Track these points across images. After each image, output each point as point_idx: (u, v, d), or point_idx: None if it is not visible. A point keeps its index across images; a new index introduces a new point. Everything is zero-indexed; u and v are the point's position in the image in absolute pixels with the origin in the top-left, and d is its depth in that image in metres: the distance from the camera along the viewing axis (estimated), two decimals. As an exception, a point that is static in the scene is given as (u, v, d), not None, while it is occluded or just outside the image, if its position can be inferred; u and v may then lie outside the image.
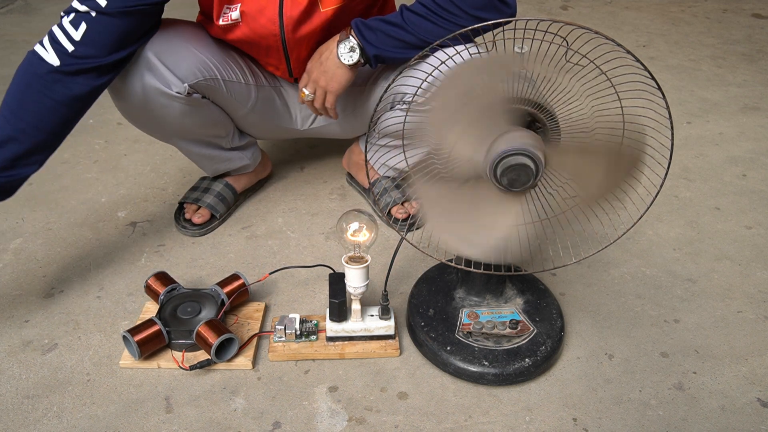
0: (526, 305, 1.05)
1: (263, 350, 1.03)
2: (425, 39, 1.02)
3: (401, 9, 1.03)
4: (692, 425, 0.91)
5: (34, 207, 1.39)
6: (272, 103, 1.28)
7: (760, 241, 1.30)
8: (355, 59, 1.05)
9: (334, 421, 0.92)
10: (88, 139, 1.67)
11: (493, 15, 1.01)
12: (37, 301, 1.13)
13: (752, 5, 2.76)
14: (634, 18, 2.61)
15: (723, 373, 1.00)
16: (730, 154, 1.62)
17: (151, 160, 1.58)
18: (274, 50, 1.15)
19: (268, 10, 1.08)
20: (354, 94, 1.25)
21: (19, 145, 0.97)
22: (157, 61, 1.05)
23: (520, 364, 0.96)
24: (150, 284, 1.08)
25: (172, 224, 1.34)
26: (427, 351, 1.00)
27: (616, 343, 1.05)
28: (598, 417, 0.92)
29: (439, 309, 1.04)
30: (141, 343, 0.96)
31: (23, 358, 1.02)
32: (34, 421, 0.91)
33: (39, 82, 0.96)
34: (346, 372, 0.99)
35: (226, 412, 0.93)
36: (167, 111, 1.11)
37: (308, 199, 1.43)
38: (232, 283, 1.08)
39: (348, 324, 1.01)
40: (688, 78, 2.05)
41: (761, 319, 1.10)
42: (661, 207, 1.40)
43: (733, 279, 1.20)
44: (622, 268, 1.22)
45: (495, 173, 0.78)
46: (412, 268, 1.21)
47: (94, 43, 0.97)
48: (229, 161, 1.33)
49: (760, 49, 2.29)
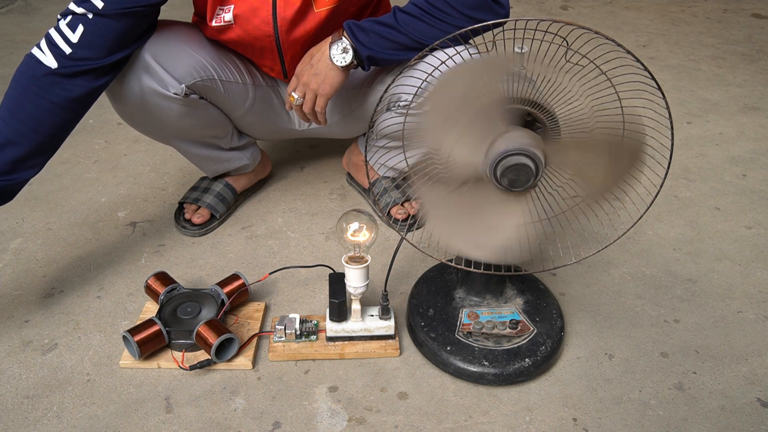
0: (526, 305, 1.05)
1: (263, 350, 1.03)
2: (419, 40, 1.01)
3: (394, 10, 1.03)
4: (692, 425, 0.91)
5: (34, 207, 1.39)
6: (270, 102, 1.28)
7: (760, 241, 1.30)
8: (348, 60, 1.04)
9: (334, 421, 0.92)
10: (88, 139, 1.67)
11: (487, 15, 1.01)
12: (37, 301, 1.13)
13: (752, 5, 2.76)
14: (634, 18, 2.61)
15: (723, 373, 1.00)
16: (730, 154, 1.62)
17: (151, 160, 1.58)
18: (269, 51, 1.15)
19: (262, 11, 1.07)
20: (349, 97, 1.25)
21: (17, 148, 0.96)
22: (154, 63, 1.05)
23: (520, 364, 0.96)
24: (150, 284, 1.08)
25: (172, 224, 1.34)
26: (427, 351, 1.00)
27: (616, 343, 1.05)
28: (598, 417, 0.93)
29: (439, 309, 1.04)
30: (141, 343, 0.96)
31: (23, 358, 1.02)
32: (34, 421, 0.92)
33: (36, 84, 0.96)
34: (346, 372, 1.00)
35: (226, 412, 0.93)
36: (165, 112, 1.11)
37: (308, 199, 1.43)
38: (232, 283, 1.08)
39: (348, 324, 1.01)
40: (688, 78, 2.05)
41: (761, 319, 1.10)
42: (661, 207, 1.40)
43: (733, 279, 1.20)
44: (622, 268, 1.22)
45: (495, 173, 0.78)
46: (412, 268, 1.21)
47: (91, 45, 0.97)
48: (229, 161, 1.33)
49: (760, 49, 2.29)
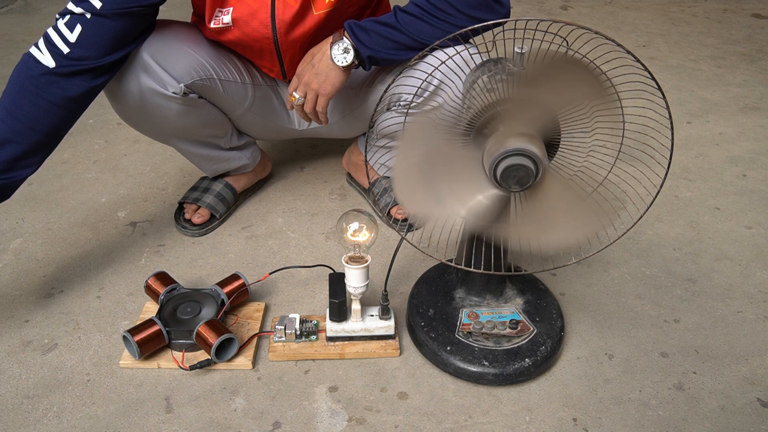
0: (526, 305, 1.05)
1: (263, 350, 1.03)
2: (419, 39, 1.01)
3: (395, 10, 1.03)
4: (692, 425, 0.91)
5: (34, 207, 1.39)
6: (269, 102, 1.28)
7: (760, 241, 1.30)
8: (349, 60, 1.04)
9: (334, 421, 0.92)
10: (88, 139, 1.67)
11: (488, 14, 1.01)
12: (37, 301, 1.13)
13: (752, 5, 2.76)
14: (634, 18, 2.61)
15: (723, 373, 1.00)
16: (730, 154, 1.62)
17: (151, 160, 1.58)
18: (267, 53, 1.15)
19: (260, 13, 1.07)
20: (350, 97, 1.25)
21: (15, 146, 0.97)
22: (152, 62, 1.05)
23: (520, 364, 0.96)
24: (150, 284, 1.08)
25: (172, 224, 1.34)
26: (427, 351, 1.00)
27: (616, 343, 1.05)
28: (598, 417, 0.93)
29: (439, 309, 1.04)
30: (141, 343, 0.96)
31: (23, 358, 1.02)
32: (34, 421, 0.91)
33: (34, 83, 0.96)
34: (346, 372, 0.99)
35: (226, 412, 0.93)
36: (164, 112, 1.11)
37: (308, 199, 1.43)
38: (232, 283, 1.08)
39: (348, 324, 1.01)
40: (688, 78, 2.05)
41: (761, 319, 1.10)
42: (661, 207, 1.40)
43: (733, 279, 1.19)
44: (622, 268, 1.22)
45: (495, 173, 0.79)
46: (412, 268, 1.21)
47: (89, 44, 0.97)
48: (228, 161, 1.32)
49: (760, 49, 2.29)
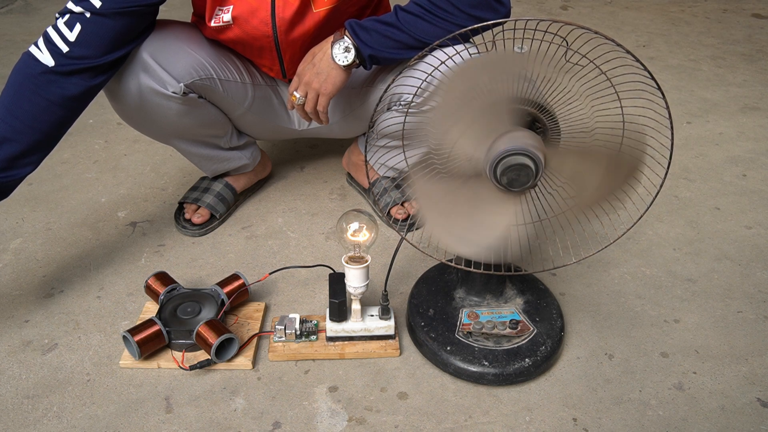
0: (526, 305, 1.05)
1: (263, 350, 1.03)
2: (420, 39, 1.01)
3: (395, 9, 1.03)
4: (692, 425, 0.91)
5: (34, 207, 1.39)
6: (269, 102, 1.28)
7: (760, 241, 1.30)
8: (350, 60, 1.04)
9: (334, 421, 0.92)
10: (88, 139, 1.67)
11: (489, 14, 1.01)
12: (37, 301, 1.13)
13: (752, 5, 2.76)
14: (634, 18, 2.61)
15: (723, 373, 1.00)
16: (730, 154, 1.62)
17: (151, 160, 1.58)
18: (267, 51, 1.15)
19: (261, 11, 1.07)
20: (350, 96, 1.25)
21: (14, 145, 0.97)
22: (152, 62, 1.05)
23: (520, 364, 0.96)
24: (150, 284, 1.08)
25: (172, 224, 1.34)
26: (427, 351, 1.00)
27: (616, 343, 1.05)
28: (598, 417, 0.93)
29: (439, 309, 1.04)
30: (141, 343, 0.96)
31: (23, 358, 1.02)
32: (34, 421, 0.91)
33: (33, 82, 0.96)
34: (346, 372, 1.00)
35: (226, 412, 0.93)
36: (164, 111, 1.11)
37: (308, 199, 1.43)
38: (232, 283, 1.08)
39: (348, 324, 1.01)
40: (688, 78, 2.05)
41: (761, 319, 1.10)
42: (661, 207, 1.40)
43: (733, 279, 1.19)
44: (622, 268, 1.22)
45: (495, 172, 0.79)
46: (412, 268, 1.21)
47: (88, 43, 0.97)
48: (228, 161, 1.32)
49: (760, 49, 2.29)
